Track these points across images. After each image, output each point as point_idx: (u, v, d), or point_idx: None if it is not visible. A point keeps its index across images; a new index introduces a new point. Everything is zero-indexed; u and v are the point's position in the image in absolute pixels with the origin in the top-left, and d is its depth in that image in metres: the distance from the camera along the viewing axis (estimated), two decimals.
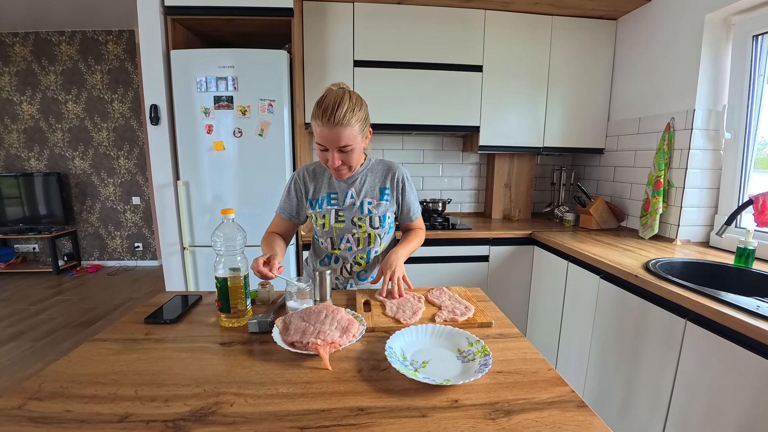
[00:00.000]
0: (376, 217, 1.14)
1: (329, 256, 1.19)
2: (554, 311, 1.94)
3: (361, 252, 1.17)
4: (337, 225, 1.13)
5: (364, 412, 0.58)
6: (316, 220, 1.15)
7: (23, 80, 4.00)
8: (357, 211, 1.13)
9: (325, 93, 1.00)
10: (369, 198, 1.14)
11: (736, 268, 1.44)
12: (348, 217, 1.13)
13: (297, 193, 1.17)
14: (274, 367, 0.70)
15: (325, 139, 0.98)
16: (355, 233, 1.14)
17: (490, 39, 2.20)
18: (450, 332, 0.80)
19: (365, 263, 1.18)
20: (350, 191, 1.14)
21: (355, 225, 1.13)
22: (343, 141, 0.97)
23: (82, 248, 4.36)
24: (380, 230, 1.15)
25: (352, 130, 0.97)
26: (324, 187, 1.15)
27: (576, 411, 0.58)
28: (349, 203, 1.13)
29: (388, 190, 1.16)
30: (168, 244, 1.98)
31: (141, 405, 0.59)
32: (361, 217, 1.13)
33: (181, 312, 0.93)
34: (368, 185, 1.15)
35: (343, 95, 0.97)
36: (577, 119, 2.36)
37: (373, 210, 1.14)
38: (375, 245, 1.17)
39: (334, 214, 1.13)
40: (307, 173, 1.17)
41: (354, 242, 1.15)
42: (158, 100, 1.88)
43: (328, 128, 0.96)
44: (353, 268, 1.18)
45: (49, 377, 0.66)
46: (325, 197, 1.14)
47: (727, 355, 1.02)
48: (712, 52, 1.77)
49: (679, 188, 1.85)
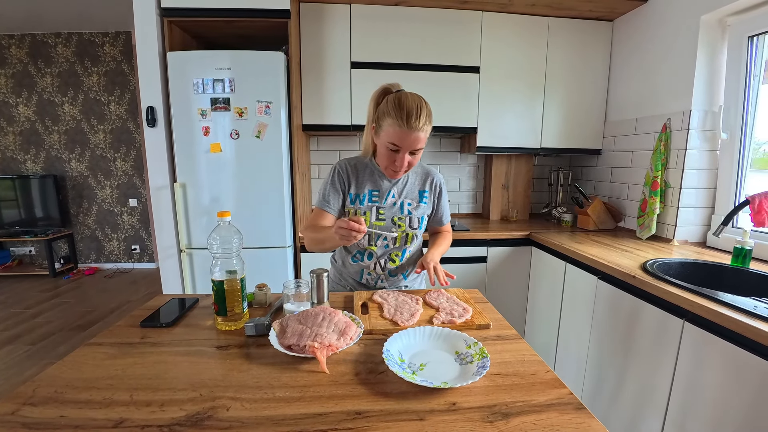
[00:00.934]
0: (415, 218, 1.16)
1: (362, 252, 1.18)
2: (552, 312, 1.94)
3: (396, 250, 1.18)
4: (377, 223, 1.14)
5: (361, 416, 0.57)
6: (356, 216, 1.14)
7: (19, 82, 3.98)
8: (397, 210, 1.15)
9: (401, 95, 1.01)
10: (409, 199, 1.17)
11: (733, 268, 1.44)
12: (388, 216, 1.15)
13: (342, 186, 1.16)
14: (271, 371, 0.69)
15: (402, 141, 1.00)
16: (392, 232, 1.15)
17: (487, 40, 2.20)
18: (448, 334, 0.80)
19: (399, 261, 1.19)
20: (392, 190, 1.16)
21: (394, 224, 1.15)
22: (419, 144, 1.01)
23: (78, 251, 4.34)
24: (417, 231, 1.17)
25: (426, 134, 1.02)
26: (366, 184, 1.16)
27: (574, 413, 0.58)
28: (390, 202, 1.15)
29: (426, 193, 1.19)
30: (165, 247, 1.97)
31: (136, 410, 0.58)
32: (401, 217, 1.15)
33: (177, 315, 0.93)
34: (409, 186, 1.18)
35: (421, 100, 1.01)
36: (574, 120, 2.36)
37: (412, 211, 1.16)
38: (411, 245, 1.19)
39: (375, 212, 1.14)
40: (349, 167, 1.17)
41: (391, 241, 1.17)
42: (155, 102, 1.88)
43: (408, 130, 0.98)
44: (387, 264, 1.18)
45: (43, 382, 0.66)
46: (367, 194, 1.15)
47: (725, 356, 1.02)
48: (707, 53, 1.77)
49: (676, 189, 1.86)
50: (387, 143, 1.02)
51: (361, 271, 1.20)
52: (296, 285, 0.93)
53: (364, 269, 1.19)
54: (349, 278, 1.23)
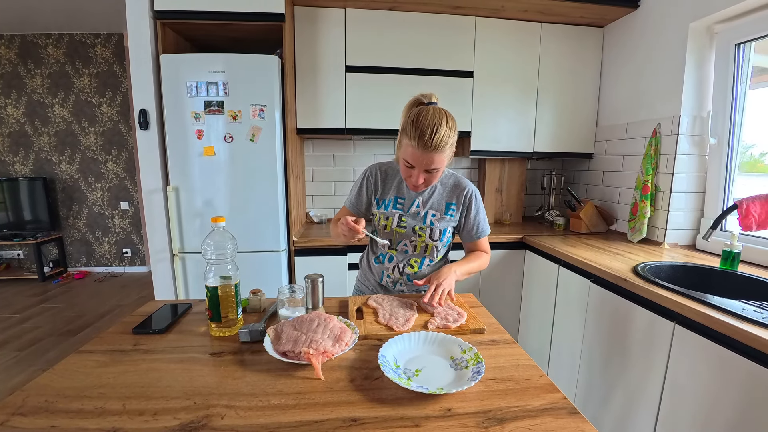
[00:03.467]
0: (437, 230, 1.14)
1: (384, 255, 1.20)
2: (546, 315, 1.95)
3: (416, 257, 1.18)
4: (398, 229, 1.14)
5: (356, 423, 0.57)
6: (380, 220, 1.17)
7: (8, 83, 3.92)
8: (420, 220, 1.14)
9: (421, 110, 0.97)
10: (434, 210, 1.15)
11: (721, 271, 1.46)
12: (410, 224, 1.14)
13: (368, 191, 1.19)
14: (266, 378, 0.69)
15: (415, 160, 0.97)
16: (413, 240, 1.15)
17: (481, 45, 2.22)
18: (443, 339, 0.80)
19: (418, 268, 1.18)
20: (417, 200, 1.15)
21: (415, 233, 1.14)
22: (434, 165, 0.98)
23: (68, 254, 4.27)
24: (438, 243, 1.15)
25: (443, 154, 0.97)
26: (393, 190, 1.17)
27: (568, 417, 0.58)
28: (413, 211, 1.15)
29: (453, 206, 1.16)
30: (157, 251, 1.95)
31: (129, 419, 0.57)
32: (423, 227, 1.14)
33: (170, 321, 0.92)
34: (436, 197, 1.16)
35: (441, 118, 0.95)
36: (567, 125, 2.39)
37: (435, 222, 1.14)
38: (431, 255, 1.18)
39: (398, 219, 1.14)
40: (379, 172, 1.19)
41: (410, 247, 1.16)
42: (147, 105, 1.86)
43: (421, 151, 0.95)
44: (405, 269, 1.18)
45: (33, 391, 0.65)
46: (392, 200, 1.16)
47: (715, 358, 1.04)
48: (696, 60, 1.81)
49: (666, 192, 1.89)
50: (402, 159, 1.02)
51: (382, 273, 1.21)
52: (291, 290, 0.93)
53: (384, 271, 1.20)
54: (372, 279, 1.25)
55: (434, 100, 1.03)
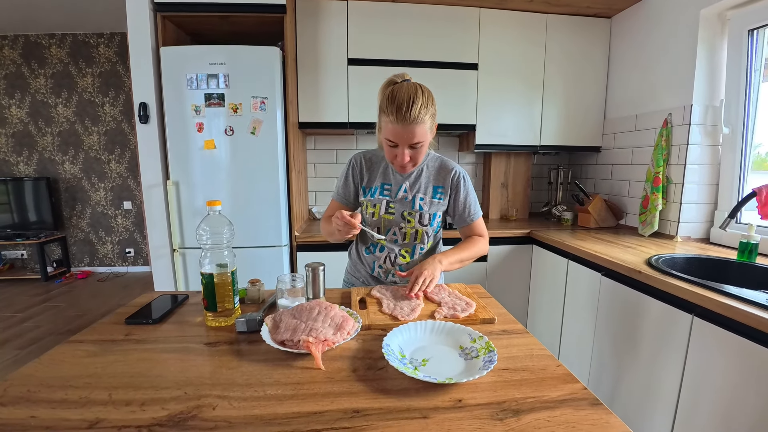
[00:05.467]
0: (426, 215, 1.11)
1: (375, 245, 1.16)
2: (555, 310, 1.90)
3: (406, 246, 1.14)
4: (386, 216, 1.11)
5: (359, 414, 0.53)
6: (367, 208, 1.14)
7: (12, 84, 3.93)
8: (408, 205, 1.11)
9: (395, 87, 0.96)
10: (421, 194, 1.12)
11: (739, 263, 1.41)
12: (398, 210, 1.11)
13: (354, 179, 1.16)
14: (262, 368, 0.65)
15: (397, 136, 0.96)
16: (402, 227, 1.11)
17: (485, 37, 2.18)
18: (451, 329, 0.75)
19: (409, 258, 1.15)
20: (404, 184, 1.12)
21: (404, 219, 1.11)
22: (416, 138, 0.96)
23: (71, 254, 4.26)
24: (428, 228, 1.12)
25: (424, 126, 0.96)
26: (379, 177, 1.13)
27: (590, 409, 0.54)
28: (401, 196, 1.11)
29: (441, 189, 1.13)
30: (157, 247, 1.91)
31: (114, 409, 0.53)
32: (412, 212, 1.11)
33: (164, 312, 0.88)
34: (423, 181, 1.12)
35: (416, 90, 0.94)
36: (573, 118, 2.34)
37: (424, 206, 1.11)
38: (421, 242, 1.14)
39: (385, 205, 1.11)
40: (363, 160, 1.16)
41: (400, 236, 1.13)
42: (147, 98, 1.84)
43: (401, 125, 0.93)
44: (397, 259, 1.14)
45: (16, 381, 0.61)
46: (378, 187, 1.13)
47: (737, 350, 0.98)
48: (707, 48, 1.76)
49: (678, 184, 1.83)
50: (385, 139, 0.99)
51: (373, 264, 1.17)
52: (291, 279, 0.89)
53: (375, 261, 1.16)
54: (363, 270, 1.20)
55: (407, 77, 1.02)
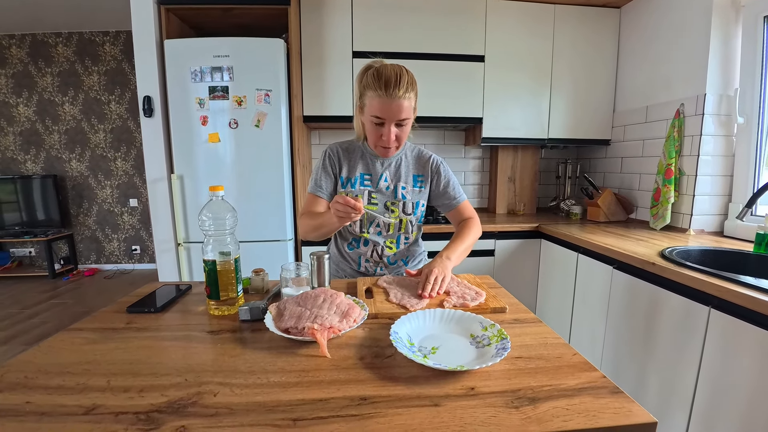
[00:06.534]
0: (410, 203, 1.10)
1: (357, 240, 1.13)
2: (564, 304, 1.86)
3: (390, 237, 1.12)
4: (369, 207, 1.08)
5: (366, 402, 0.50)
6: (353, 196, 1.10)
7: (19, 82, 3.95)
8: (391, 195, 1.10)
9: (379, 67, 0.96)
10: (403, 183, 1.10)
11: (756, 255, 1.36)
12: (381, 200, 1.09)
13: (333, 169, 1.12)
14: (266, 356, 0.63)
15: (384, 112, 0.95)
16: (386, 217, 1.09)
17: (492, 28, 2.15)
18: (461, 317, 0.72)
19: (395, 248, 1.13)
20: (385, 174, 1.10)
21: (387, 209, 1.09)
22: (404, 113, 0.95)
23: (78, 252, 4.28)
24: (412, 217, 1.11)
25: (411, 103, 0.96)
26: (358, 167, 1.10)
27: (611, 397, 0.51)
28: (383, 186, 1.09)
29: (421, 177, 1.13)
30: (162, 241, 1.91)
31: (112, 396, 0.51)
32: (395, 202, 1.09)
33: (167, 301, 0.86)
34: (403, 170, 1.11)
35: (401, 69, 0.96)
36: (582, 110, 2.29)
37: (407, 195, 1.10)
38: (406, 231, 1.12)
39: (368, 196, 1.08)
40: (340, 149, 1.12)
41: (384, 227, 1.10)
42: (152, 92, 1.83)
43: (389, 100, 0.93)
44: (384, 251, 1.12)
45: (13, 367, 0.59)
46: (359, 177, 1.10)
47: (757, 343, 0.95)
48: (721, 35, 1.71)
49: (691, 176, 1.78)
50: (371, 117, 0.97)
51: (359, 259, 1.14)
52: (296, 268, 0.86)
53: (361, 256, 1.13)
54: (347, 268, 1.17)
55: (383, 62, 1.01)
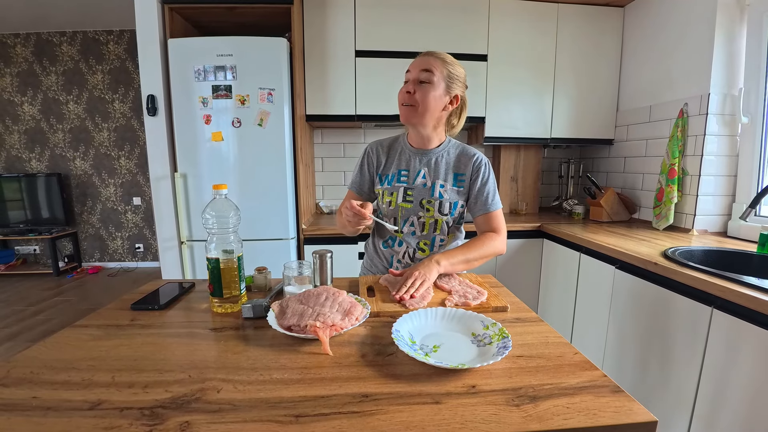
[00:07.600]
0: (446, 203, 1.05)
1: (393, 239, 1.11)
2: (566, 304, 1.86)
3: (425, 238, 1.08)
4: (404, 204, 1.05)
5: (368, 399, 0.51)
6: (383, 197, 1.09)
7: (24, 81, 3.98)
8: (427, 192, 1.05)
9: None
10: (441, 181, 1.05)
11: (759, 256, 1.36)
12: (417, 197, 1.05)
13: (369, 167, 1.13)
14: (268, 353, 0.63)
15: (413, 65, 1.01)
16: (421, 216, 1.06)
17: (495, 27, 2.14)
18: (462, 315, 0.73)
19: (429, 250, 1.09)
20: (423, 170, 1.07)
21: (422, 207, 1.05)
22: (427, 65, 0.98)
23: (82, 249, 4.31)
24: (448, 218, 1.06)
25: (440, 62, 0.99)
26: (395, 163, 1.10)
27: (612, 396, 0.51)
28: (419, 183, 1.06)
29: (462, 176, 1.06)
30: (165, 239, 1.92)
31: (117, 391, 0.52)
32: (431, 200, 1.05)
33: (170, 298, 0.87)
34: (443, 167, 1.07)
35: None
36: (585, 109, 2.29)
37: (444, 194, 1.05)
38: (440, 233, 1.08)
39: (403, 192, 1.06)
40: (380, 146, 1.13)
41: (418, 226, 1.07)
42: (155, 91, 1.84)
43: (421, 56, 1.01)
44: (416, 254, 1.09)
45: (19, 363, 0.60)
46: (396, 174, 1.08)
47: (760, 344, 0.94)
48: (725, 35, 1.70)
49: (694, 176, 1.78)
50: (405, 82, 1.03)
51: (392, 258, 1.12)
52: (298, 266, 0.87)
53: (394, 255, 1.12)
54: (379, 265, 1.16)
55: None
